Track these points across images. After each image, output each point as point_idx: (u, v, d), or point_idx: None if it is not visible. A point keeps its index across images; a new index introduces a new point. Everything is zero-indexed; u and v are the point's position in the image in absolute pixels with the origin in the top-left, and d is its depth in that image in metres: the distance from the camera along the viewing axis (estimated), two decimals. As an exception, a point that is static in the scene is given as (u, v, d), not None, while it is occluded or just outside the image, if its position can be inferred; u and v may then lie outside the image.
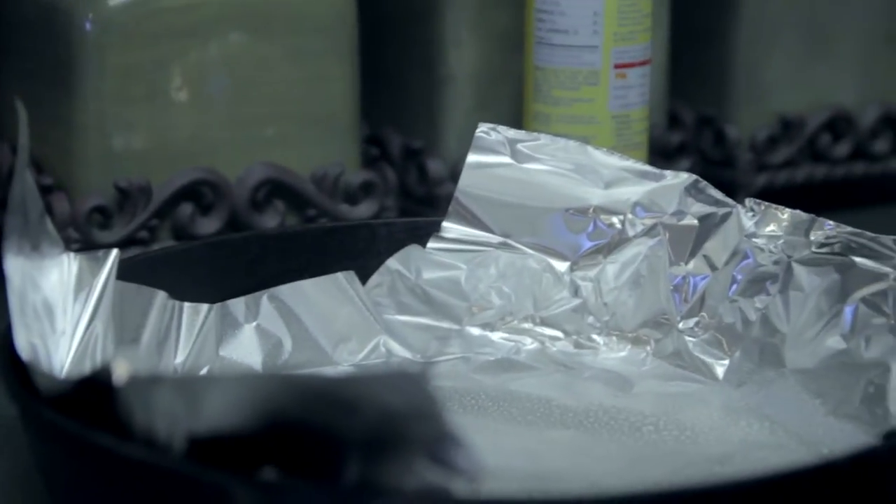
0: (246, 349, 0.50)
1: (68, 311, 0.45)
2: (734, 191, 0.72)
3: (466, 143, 0.56)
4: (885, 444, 0.41)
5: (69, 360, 0.44)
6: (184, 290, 0.49)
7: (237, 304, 0.51)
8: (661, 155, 0.71)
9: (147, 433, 0.35)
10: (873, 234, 0.49)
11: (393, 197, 0.69)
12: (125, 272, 0.47)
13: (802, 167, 0.78)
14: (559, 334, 0.54)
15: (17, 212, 0.41)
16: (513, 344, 0.53)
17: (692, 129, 0.77)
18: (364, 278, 0.53)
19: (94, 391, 0.36)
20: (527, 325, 0.55)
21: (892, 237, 0.48)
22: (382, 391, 0.32)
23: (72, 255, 0.46)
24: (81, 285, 0.45)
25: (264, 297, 0.50)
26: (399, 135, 0.73)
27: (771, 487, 0.33)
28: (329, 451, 0.34)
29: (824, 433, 0.45)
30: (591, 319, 0.54)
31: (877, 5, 0.80)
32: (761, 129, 0.76)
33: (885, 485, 0.36)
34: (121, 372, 0.35)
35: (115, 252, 0.47)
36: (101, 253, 0.48)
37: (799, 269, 0.49)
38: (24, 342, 0.40)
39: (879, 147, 0.78)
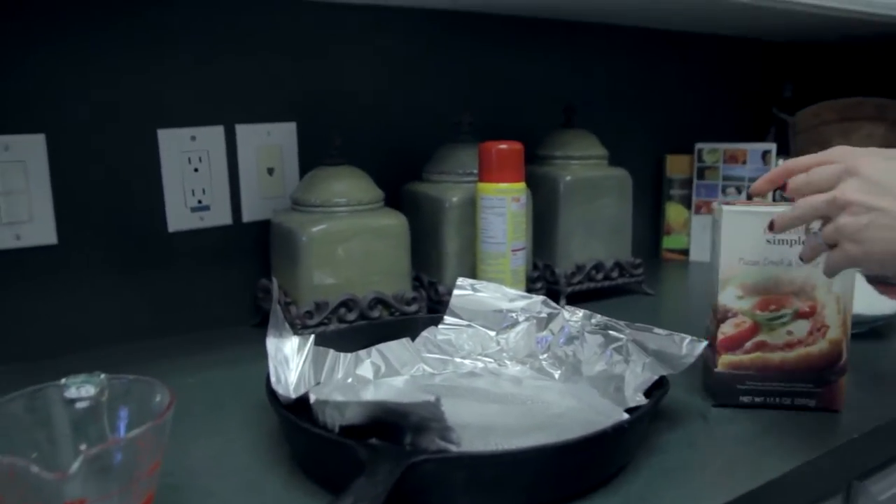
0: (365, 370, 0.71)
1: (293, 361, 0.65)
2: (558, 296, 0.93)
3: (454, 281, 0.81)
4: (629, 418, 0.56)
5: (293, 384, 0.62)
6: (344, 347, 0.71)
7: (363, 352, 0.72)
8: (531, 281, 0.97)
9: (323, 424, 0.54)
10: (616, 320, 0.70)
11: (424, 303, 0.91)
12: (318, 339, 0.68)
13: (584, 283, 1.06)
14: (491, 361, 0.76)
15: (273, 316, 0.62)
16: (473, 364, 0.75)
17: (542, 270, 1.05)
18: (413, 338, 0.76)
19: (302, 403, 0.57)
20: (479, 357, 0.76)
21: (625, 321, 0.69)
22: (420, 409, 0.49)
23: (295, 336, 0.66)
24: (300, 350, 0.66)
25: (374, 349, 0.73)
26: (426, 276, 0.97)
27: (585, 443, 0.51)
28: (396, 434, 0.52)
29: (600, 405, 0.63)
30: (504, 354, 0.76)
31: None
32: (568, 269, 1.05)
33: (629, 434, 0.53)
34: (312, 398, 0.56)
35: (312, 336, 0.67)
36: (308, 335, 0.68)
37: (587, 335, 0.72)
38: (274, 376, 0.59)
39: (613, 275, 1.08)
